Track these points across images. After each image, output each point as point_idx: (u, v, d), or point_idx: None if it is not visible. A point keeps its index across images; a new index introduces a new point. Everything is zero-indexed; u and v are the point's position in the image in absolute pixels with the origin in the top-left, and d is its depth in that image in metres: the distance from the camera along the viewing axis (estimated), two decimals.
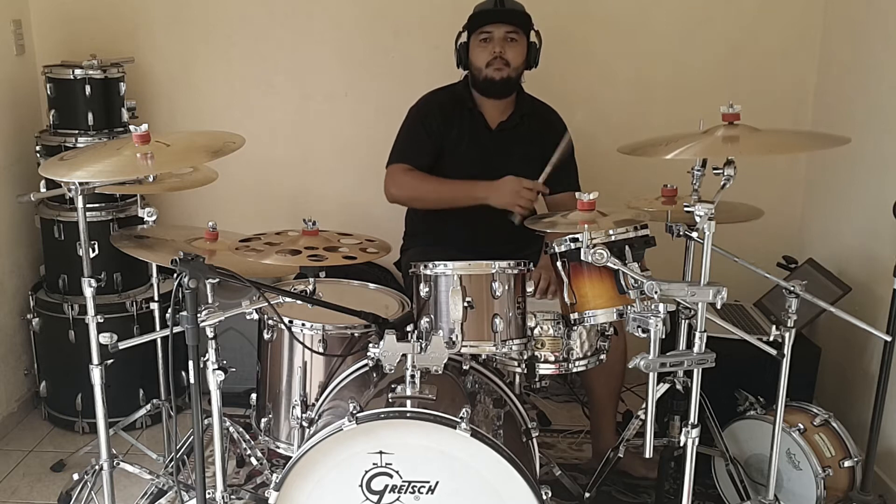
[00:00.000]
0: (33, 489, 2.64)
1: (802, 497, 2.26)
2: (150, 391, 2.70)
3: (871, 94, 2.74)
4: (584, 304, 1.84)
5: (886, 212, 2.19)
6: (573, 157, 2.70)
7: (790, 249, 2.99)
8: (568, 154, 2.67)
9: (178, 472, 2.35)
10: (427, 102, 2.68)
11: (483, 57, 2.54)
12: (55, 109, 2.91)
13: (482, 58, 2.54)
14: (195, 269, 1.65)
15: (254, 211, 3.31)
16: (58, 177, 1.86)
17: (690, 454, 1.78)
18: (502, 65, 2.53)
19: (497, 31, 2.53)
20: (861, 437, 2.29)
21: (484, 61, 2.54)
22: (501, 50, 2.52)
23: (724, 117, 1.83)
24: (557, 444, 2.89)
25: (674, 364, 1.72)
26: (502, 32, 2.53)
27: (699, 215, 1.64)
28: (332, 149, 3.31)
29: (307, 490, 1.72)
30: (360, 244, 2.03)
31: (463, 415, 1.65)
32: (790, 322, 1.93)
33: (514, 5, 2.57)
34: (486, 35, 2.54)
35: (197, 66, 3.26)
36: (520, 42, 2.56)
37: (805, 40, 3.10)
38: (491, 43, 2.53)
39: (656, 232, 1.86)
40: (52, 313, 2.92)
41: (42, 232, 2.98)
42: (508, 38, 2.53)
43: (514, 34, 2.54)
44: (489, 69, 2.54)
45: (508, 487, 1.69)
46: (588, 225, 1.81)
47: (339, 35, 3.20)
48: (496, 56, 2.52)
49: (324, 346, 2.10)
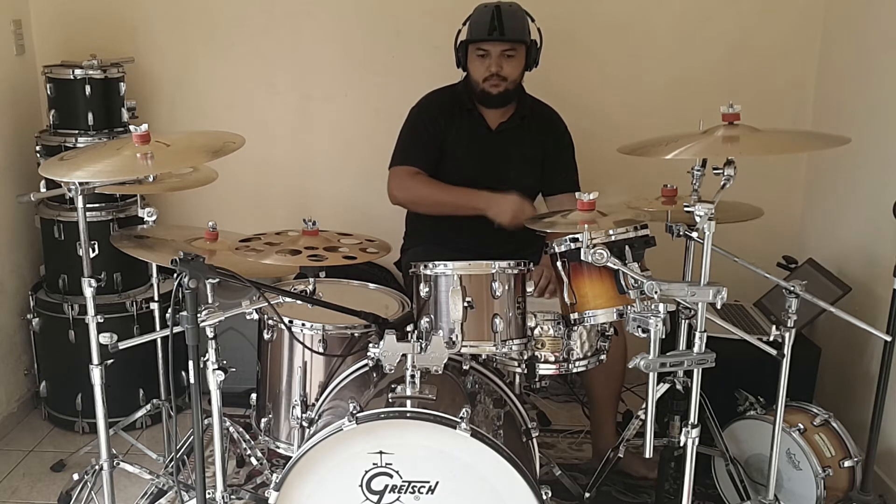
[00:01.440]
0: (33, 489, 2.64)
1: (802, 497, 2.26)
2: (150, 391, 2.70)
3: (871, 94, 2.74)
4: (584, 304, 1.84)
5: (886, 212, 2.19)
6: (573, 158, 2.70)
7: (790, 249, 2.99)
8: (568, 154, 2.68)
9: (178, 472, 2.35)
10: (427, 103, 2.67)
11: (480, 72, 2.53)
12: (55, 109, 2.91)
13: (479, 72, 2.53)
14: (195, 269, 1.65)
15: (254, 211, 3.32)
16: (58, 177, 1.86)
17: (690, 454, 1.78)
18: (499, 80, 2.53)
19: (494, 49, 2.51)
20: (861, 437, 2.29)
21: (481, 76, 2.53)
22: (499, 68, 2.51)
23: (724, 117, 1.83)
24: (557, 444, 2.89)
25: (674, 364, 1.72)
26: (499, 50, 2.51)
27: (699, 215, 1.64)
28: (332, 149, 3.31)
29: (307, 490, 1.72)
30: (360, 244, 2.03)
31: (463, 415, 1.65)
32: (790, 322, 1.93)
33: (512, 21, 2.50)
34: (482, 52, 2.52)
35: (197, 66, 3.26)
36: (518, 55, 2.54)
37: (805, 40, 3.10)
38: (488, 59, 2.51)
39: (656, 232, 1.86)
40: (52, 313, 2.92)
41: (42, 232, 2.98)
42: (506, 54, 2.51)
43: (512, 50, 2.52)
44: (486, 84, 2.54)
45: (508, 487, 1.69)
46: (588, 225, 1.81)
47: (339, 35, 3.20)
48: (493, 73, 2.51)
49: (324, 346, 2.10)
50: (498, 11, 2.48)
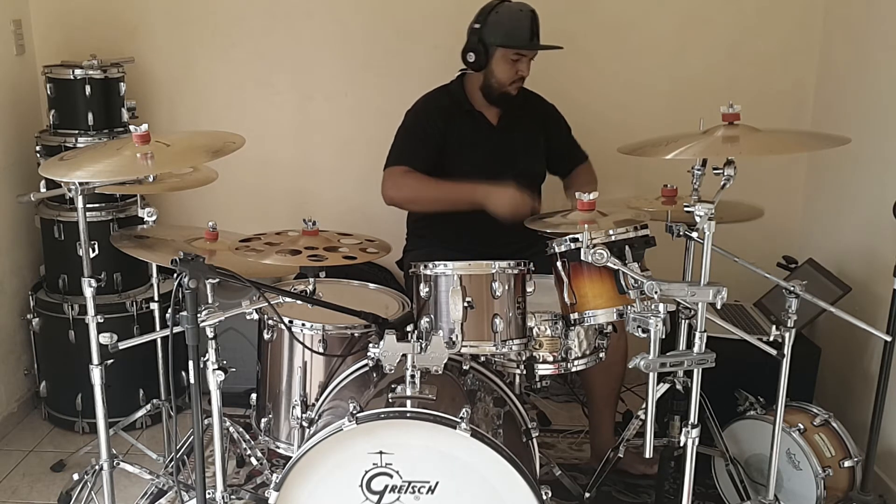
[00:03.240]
0: (33, 489, 2.64)
1: (802, 497, 2.26)
2: (150, 391, 2.70)
3: (871, 94, 2.74)
4: (584, 304, 1.84)
5: (886, 212, 2.19)
6: (570, 133, 2.76)
7: (790, 249, 2.99)
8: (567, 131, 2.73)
9: (178, 472, 2.35)
10: (425, 105, 2.67)
11: (509, 75, 2.55)
12: (55, 109, 2.91)
13: (508, 75, 2.55)
14: (195, 269, 1.65)
15: (254, 211, 3.31)
16: (58, 177, 1.86)
17: (690, 454, 1.78)
18: (521, 82, 2.58)
19: (530, 55, 2.55)
20: (861, 437, 2.29)
21: (509, 79, 2.56)
22: (526, 72, 2.56)
23: (724, 117, 1.83)
24: (557, 444, 2.89)
25: (674, 364, 1.72)
26: (533, 55, 2.56)
27: (699, 215, 1.64)
28: (332, 149, 3.31)
29: (307, 490, 1.72)
30: (360, 244, 2.04)
31: (463, 415, 1.65)
32: (790, 322, 1.93)
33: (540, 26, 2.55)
34: (518, 57, 2.54)
35: (197, 66, 3.26)
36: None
37: (805, 40, 3.10)
38: (520, 63, 2.54)
39: (656, 232, 1.87)
40: (52, 313, 2.92)
41: (42, 232, 2.98)
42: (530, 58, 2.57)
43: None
44: (512, 86, 2.57)
45: (508, 487, 1.69)
46: (588, 225, 1.81)
47: (339, 35, 3.20)
48: (521, 77, 2.56)
49: (324, 346, 2.10)
50: (534, 17, 2.51)
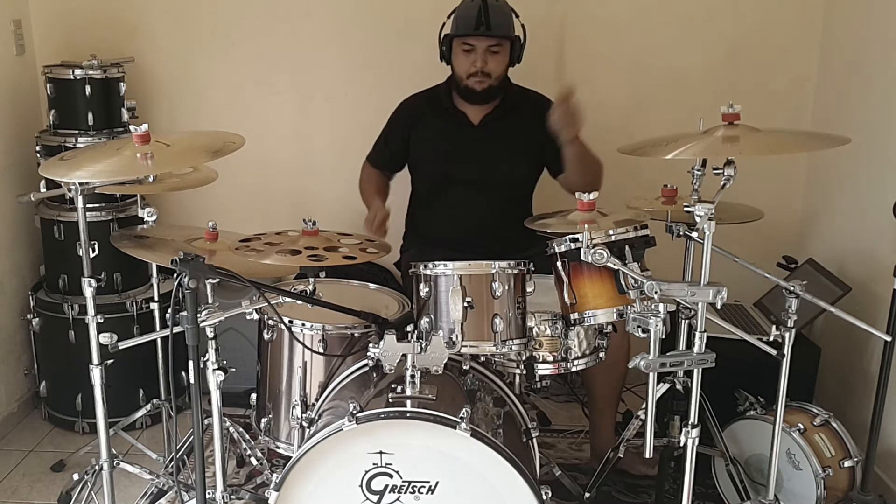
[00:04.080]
0: (33, 489, 2.64)
1: (802, 497, 2.26)
2: (150, 391, 2.70)
3: (871, 94, 2.73)
4: (585, 304, 1.84)
5: (886, 212, 2.19)
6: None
7: (790, 249, 2.99)
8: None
9: (178, 472, 2.35)
10: (400, 106, 2.73)
11: (465, 67, 2.52)
12: (55, 109, 2.91)
13: (464, 67, 2.53)
14: (195, 269, 1.65)
15: (254, 211, 3.31)
16: (58, 177, 1.86)
17: (690, 454, 1.78)
18: (483, 77, 2.52)
19: (480, 45, 2.49)
20: (861, 437, 2.29)
21: (466, 72, 2.53)
22: (483, 63, 2.50)
23: (724, 117, 1.83)
24: (557, 444, 2.89)
25: (674, 364, 1.72)
26: (485, 45, 2.49)
27: (699, 215, 1.64)
28: (332, 149, 3.31)
29: (307, 490, 1.72)
30: (360, 244, 2.03)
31: (463, 415, 1.65)
32: (790, 322, 1.93)
33: (499, 16, 2.48)
34: (468, 47, 2.50)
35: (197, 66, 3.26)
36: (503, 51, 2.52)
37: (805, 40, 3.09)
38: (473, 54, 2.50)
39: (656, 232, 1.86)
40: (52, 313, 2.92)
41: (42, 232, 2.98)
42: (491, 50, 2.50)
43: (497, 46, 2.50)
44: (470, 80, 2.53)
45: (508, 487, 1.69)
46: (588, 225, 1.81)
47: (339, 35, 3.20)
48: (478, 70, 2.51)
49: (324, 346, 2.10)
50: (485, 6, 2.46)
